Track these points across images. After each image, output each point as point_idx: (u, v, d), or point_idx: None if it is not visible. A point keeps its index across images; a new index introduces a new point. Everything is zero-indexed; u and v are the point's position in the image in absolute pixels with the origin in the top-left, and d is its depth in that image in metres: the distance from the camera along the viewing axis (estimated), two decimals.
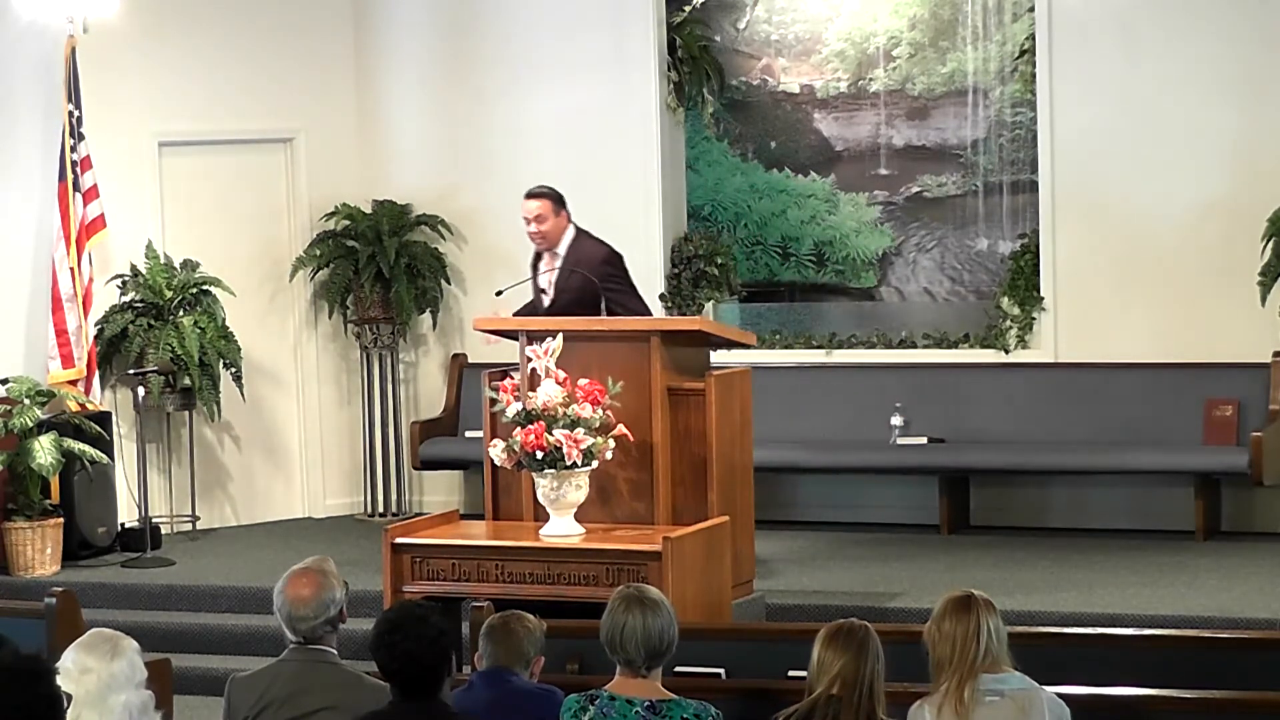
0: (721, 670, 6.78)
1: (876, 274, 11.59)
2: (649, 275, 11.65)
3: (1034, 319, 11.11)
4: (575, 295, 9.23)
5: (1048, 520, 10.97)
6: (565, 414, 8.24)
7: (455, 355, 12.02)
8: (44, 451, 10.26)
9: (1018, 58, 11.15)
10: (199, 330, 11.21)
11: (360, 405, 12.10)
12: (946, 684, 5.44)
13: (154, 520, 11.03)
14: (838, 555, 10.32)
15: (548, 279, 9.47)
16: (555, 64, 11.79)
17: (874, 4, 11.45)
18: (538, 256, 9.60)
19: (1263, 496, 10.52)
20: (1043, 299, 11.06)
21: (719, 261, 11.70)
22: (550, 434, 8.22)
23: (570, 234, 9.48)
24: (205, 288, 11.40)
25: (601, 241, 9.50)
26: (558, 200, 9.48)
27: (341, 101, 12.11)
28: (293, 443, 12.09)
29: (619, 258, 9.41)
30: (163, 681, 6.44)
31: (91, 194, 10.98)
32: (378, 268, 11.72)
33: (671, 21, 11.74)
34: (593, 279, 9.05)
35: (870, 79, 11.50)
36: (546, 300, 9.48)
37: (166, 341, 11.12)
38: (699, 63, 11.74)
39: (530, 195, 9.54)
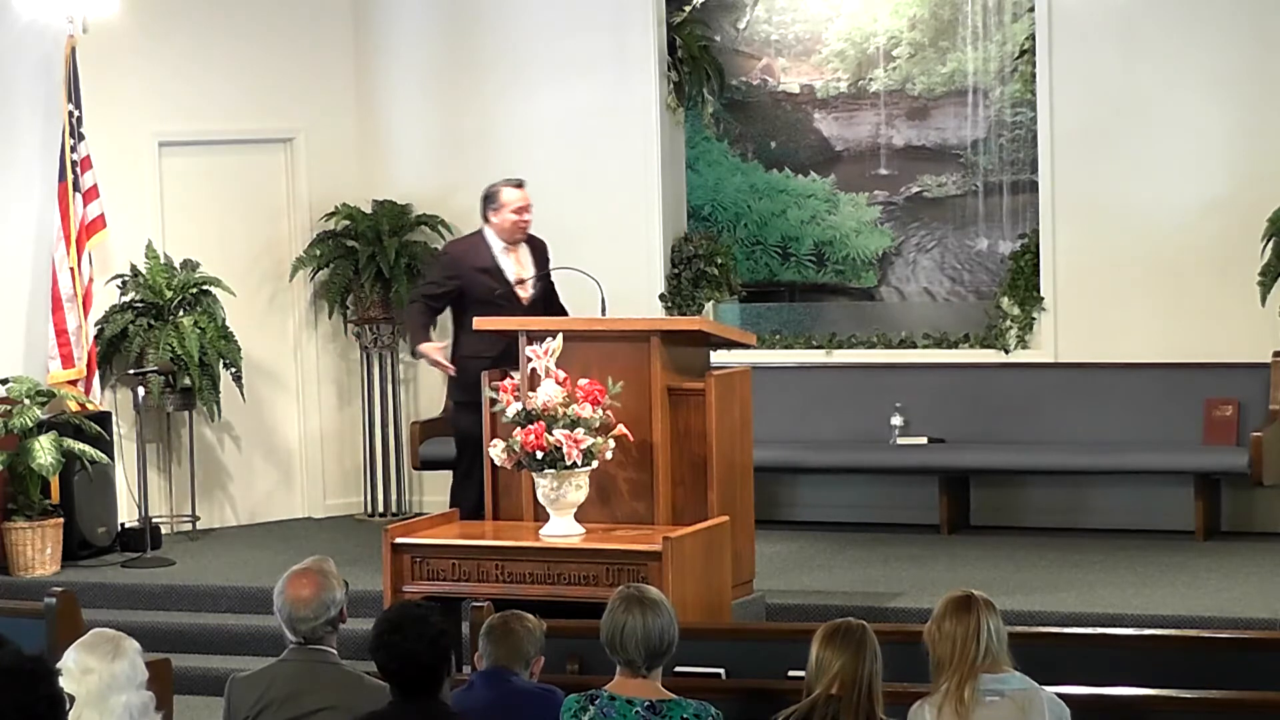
0: (721, 670, 6.78)
1: (876, 274, 11.59)
2: (649, 275, 11.67)
3: (1034, 319, 11.11)
4: (542, 284, 9.70)
5: (1048, 520, 10.97)
6: (565, 414, 8.24)
7: None
8: (44, 451, 10.26)
9: (1018, 58, 11.15)
10: (199, 330, 11.21)
11: (360, 405, 12.10)
12: (946, 684, 5.44)
13: (154, 520, 11.03)
14: (838, 555, 10.31)
15: (522, 272, 9.65)
16: (555, 64, 11.79)
17: (874, 4, 11.45)
18: (481, 250, 9.68)
19: (1263, 496, 10.52)
20: (1043, 299, 11.06)
21: (719, 261, 11.69)
22: (550, 434, 8.22)
23: None
24: (205, 288, 11.40)
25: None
26: None
27: (341, 101, 12.11)
28: (293, 443, 12.09)
29: None
30: (163, 681, 6.44)
31: (91, 194, 10.98)
32: (378, 268, 11.72)
33: (671, 21, 11.74)
34: (545, 265, 9.72)
35: (870, 79, 11.50)
36: (525, 293, 9.61)
37: (166, 341, 11.13)
38: (699, 63, 11.74)
39: (520, 184, 9.72)
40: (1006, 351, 11.16)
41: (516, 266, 9.69)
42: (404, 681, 5.28)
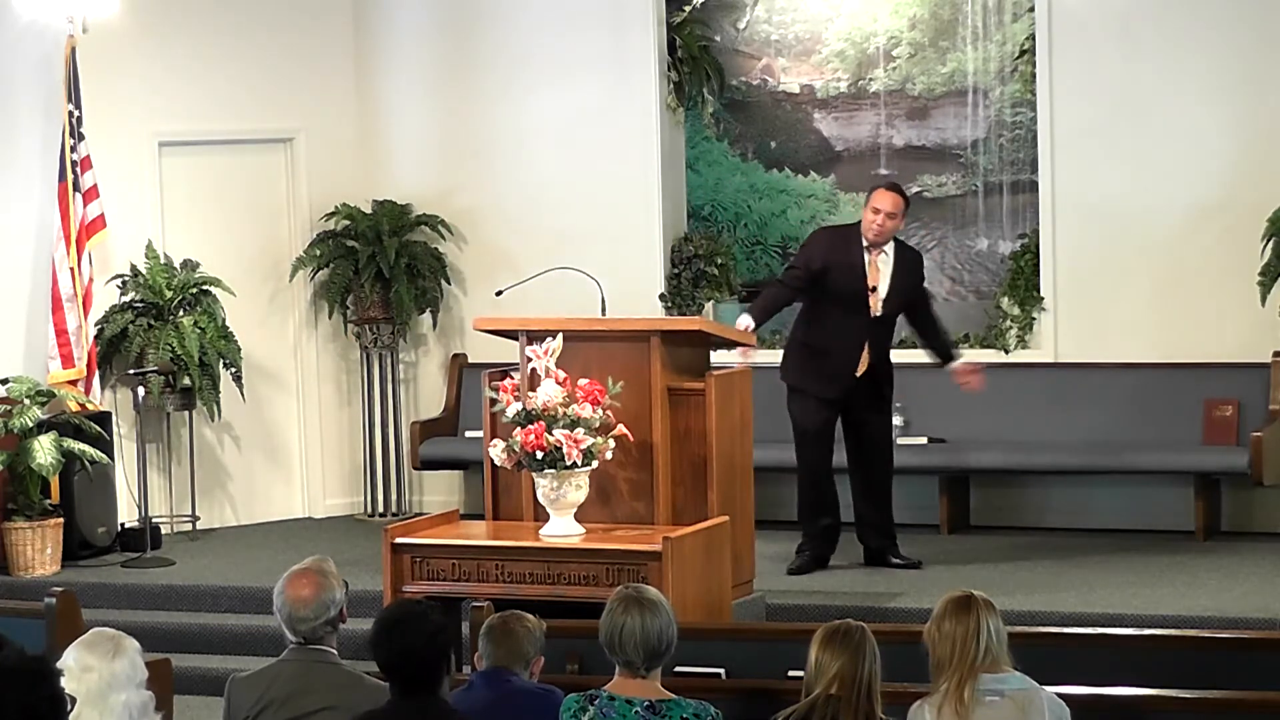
0: (721, 670, 6.78)
1: None
2: (649, 275, 11.67)
3: (1034, 319, 11.11)
4: (903, 298, 9.69)
5: (1048, 520, 10.97)
6: (565, 414, 8.25)
7: (455, 355, 12.02)
8: (44, 451, 10.26)
9: (1018, 58, 11.15)
10: (199, 330, 11.21)
11: (360, 405, 12.10)
12: (946, 684, 5.44)
13: (154, 520, 11.03)
14: (838, 555, 10.27)
15: (878, 280, 9.64)
16: (555, 64, 11.79)
17: (874, 4, 11.45)
18: (853, 243, 9.67)
19: (1263, 496, 10.52)
20: (1043, 299, 11.07)
21: (719, 261, 11.70)
22: (550, 434, 8.22)
23: (893, 240, 9.77)
24: (205, 288, 11.40)
25: (908, 243, 10.08)
26: (908, 203, 9.82)
27: (341, 101, 12.11)
28: (293, 443, 12.09)
29: None
30: (163, 681, 6.44)
31: (91, 194, 10.98)
32: (378, 268, 11.72)
33: (671, 21, 11.74)
34: (917, 283, 9.81)
35: (870, 79, 11.50)
36: (876, 299, 9.63)
37: (166, 341, 11.13)
38: (699, 63, 11.74)
39: (894, 188, 9.78)
40: (1006, 351, 11.16)
41: (875, 272, 9.64)
42: (403, 678, 5.28)
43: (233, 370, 11.46)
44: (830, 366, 9.66)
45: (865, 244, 9.63)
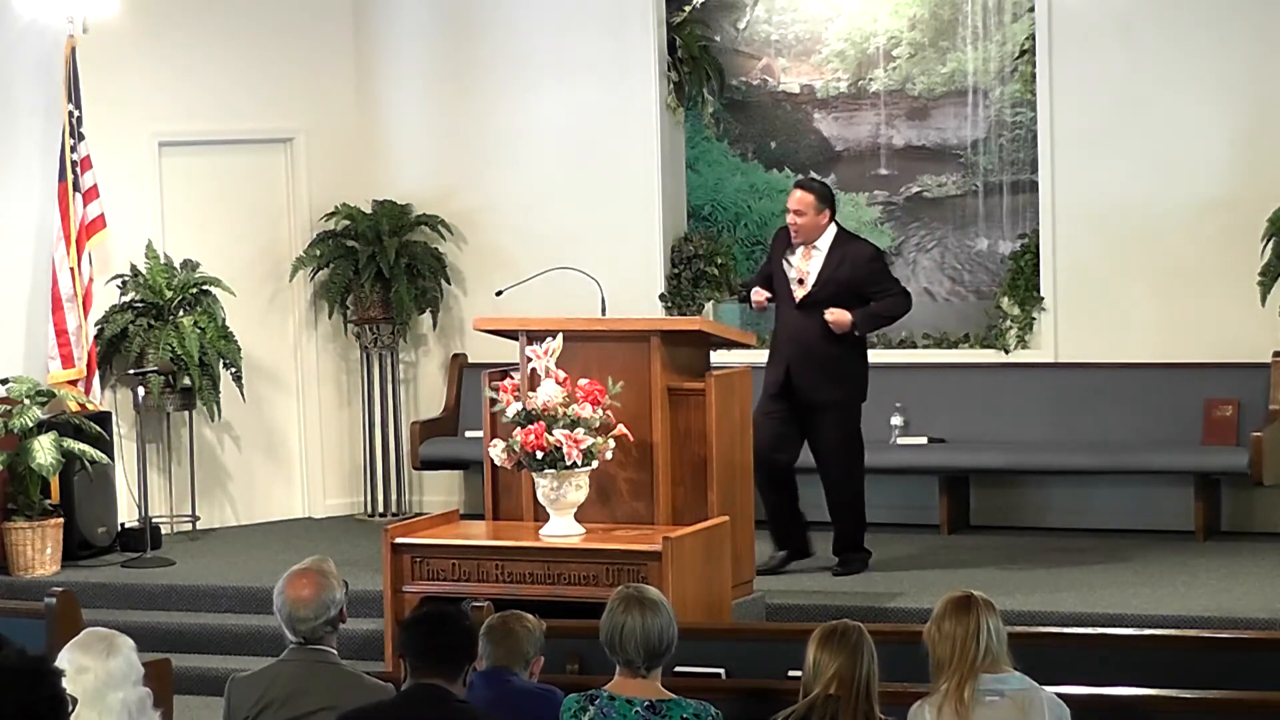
0: (721, 670, 6.79)
1: None
2: (649, 275, 11.67)
3: (1034, 319, 11.11)
4: (833, 290, 9.52)
5: (1048, 520, 10.97)
6: (565, 414, 8.25)
7: (455, 355, 12.02)
8: (44, 451, 10.26)
9: (1018, 58, 11.15)
10: (199, 330, 11.21)
11: (360, 405, 12.10)
12: (946, 684, 5.44)
13: (154, 520, 11.03)
14: None
15: (804, 268, 9.61)
16: (555, 64, 11.79)
17: (874, 4, 11.45)
18: (787, 245, 9.69)
19: (1263, 496, 10.52)
20: (1043, 299, 11.07)
21: (719, 261, 11.70)
22: (550, 434, 8.22)
23: (832, 231, 9.66)
24: (205, 288, 11.41)
25: (864, 239, 9.94)
26: (823, 198, 9.68)
27: (341, 101, 12.11)
28: (293, 443, 12.09)
29: (882, 254, 10.00)
30: (163, 681, 6.44)
31: (91, 194, 10.98)
32: (378, 268, 11.72)
33: (671, 21, 11.74)
34: (860, 276, 9.57)
35: (870, 79, 11.50)
36: (801, 291, 9.57)
37: (166, 341, 11.13)
38: (699, 63, 11.74)
39: (798, 185, 9.80)
40: (1006, 351, 11.16)
41: (803, 265, 9.65)
42: (426, 652, 5.26)
43: (233, 370, 11.46)
44: (773, 359, 9.73)
45: (790, 243, 9.72)
